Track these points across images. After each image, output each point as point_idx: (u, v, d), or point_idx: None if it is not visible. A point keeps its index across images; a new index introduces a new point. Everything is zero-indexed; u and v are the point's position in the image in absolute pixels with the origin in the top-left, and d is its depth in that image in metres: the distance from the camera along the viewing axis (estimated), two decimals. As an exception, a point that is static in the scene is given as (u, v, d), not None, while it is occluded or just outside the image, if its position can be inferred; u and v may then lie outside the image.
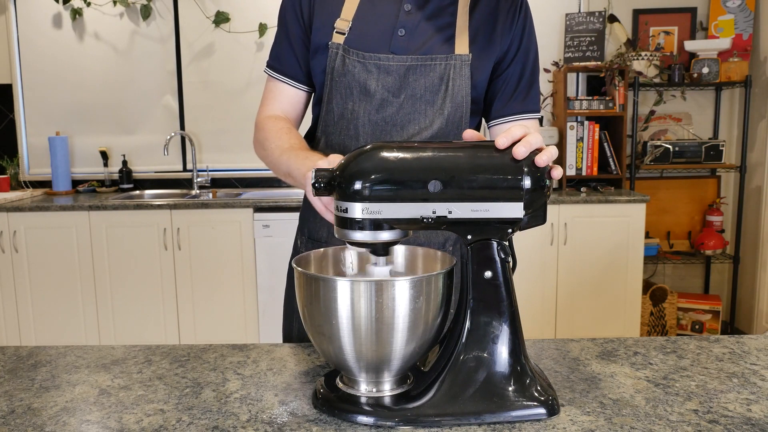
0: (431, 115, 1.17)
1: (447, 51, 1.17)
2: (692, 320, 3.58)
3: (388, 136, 1.18)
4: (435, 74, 1.16)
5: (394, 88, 1.16)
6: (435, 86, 1.16)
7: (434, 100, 1.17)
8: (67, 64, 3.72)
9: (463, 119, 1.20)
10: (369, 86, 1.16)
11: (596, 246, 3.19)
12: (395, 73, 1.16)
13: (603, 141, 3.47)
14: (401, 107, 1.17)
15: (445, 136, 1.19)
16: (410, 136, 1.17)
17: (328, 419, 0.81)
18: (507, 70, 1.23)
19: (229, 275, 3.20)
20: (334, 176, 0.82)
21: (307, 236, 1.28)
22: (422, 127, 1.17)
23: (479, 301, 0.82)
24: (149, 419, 0.82)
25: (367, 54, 1.16)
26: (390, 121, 1.17)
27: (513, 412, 0.80)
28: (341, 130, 1.20)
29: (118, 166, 3.76)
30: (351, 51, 1.16)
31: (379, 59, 1.16)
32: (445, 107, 1.17)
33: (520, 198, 0.80)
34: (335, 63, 1.16)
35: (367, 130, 1.18)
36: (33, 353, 1.08)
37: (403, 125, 1.17)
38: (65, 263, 3.21)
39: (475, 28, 1.19)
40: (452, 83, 1.16)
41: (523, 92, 1.25)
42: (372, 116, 1.17)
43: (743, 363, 1.00)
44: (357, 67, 1.16)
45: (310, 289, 0.82)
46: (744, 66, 3.46)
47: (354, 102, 1.17)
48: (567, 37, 3.55)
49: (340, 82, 1.17)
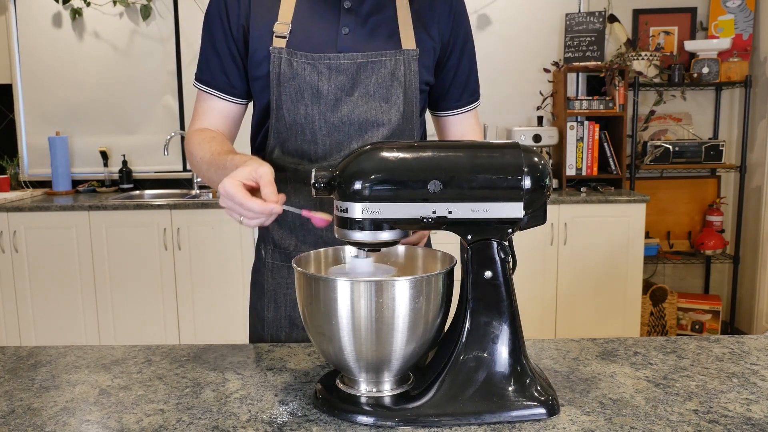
0: (387, 110, 1.16)
1: (394, 46, 1.16)
2: (692, 320, 3.58)
3: (346, 137, 1.16)
4: (386, 70, 1.15)
5: (347, 86, 1.14)
6: (387, 82, 1.15)
7: (388, 96, 1.16)
8: (67, 64, 3.72)
9: (414, 113, 1.20)
10: (321, 87, 1.13)
11: (596, 246, 3.19)
12: (347, 72, 1.14)
13: (603, 141, 3.47)
14: (356, 105, 1.15)
15: (402, 131, 1.19)
16: (369, 134, 1.16)
17: (328, 419, 0.81)
18: (455, 62, 1.25)
19: (229, 275, 3.20)
20: (334, 176, 0.82)
21: (273, 245, 1.25)
22: (380, 124, 1.16)
23: (479, 301, 0.82)
24: (149, 419, 0.82)
25: (316, 55, 1.13)
26: (347, 121, 1.15)
27: (513, 412, 0.80)
28: (296, 136, 1.16)
29: (118, 166, 3.76)
30: (297, 53, 1.13)
31: (329, 59, 1.13)
32: (399, 102, 1.16)
33: (520, 198, 0.80)
34: (280, 67, 1.13)
35: (325, 132, 1.15)
36: (33, 353, 1.08)
37: (361, 123, 1.15)
38: (65, 263, 3.21)
39: (415, 18, 1.19)
40: (403, 78, 1.16)
41: (472, 82, 1.30)
42: (328, 117, 1.15)
43: (743, 363, 1.00)
44: (306, 69, 1.13)
45: (310, 289, 0.82)
46: (744, 66, 3.46)
47: (306, 105, 1.14)
48: (567, 37, 3.55)
49: (289, 86, 1.14)
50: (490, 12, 3.60)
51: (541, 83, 3.66)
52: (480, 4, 3.60)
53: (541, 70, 3.65)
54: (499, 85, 3.65)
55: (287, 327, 1.24)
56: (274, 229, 1.25)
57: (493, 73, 3.61)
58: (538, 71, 3.66)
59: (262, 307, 1.27)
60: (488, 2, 3.58)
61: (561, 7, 3.63)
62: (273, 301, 1.25)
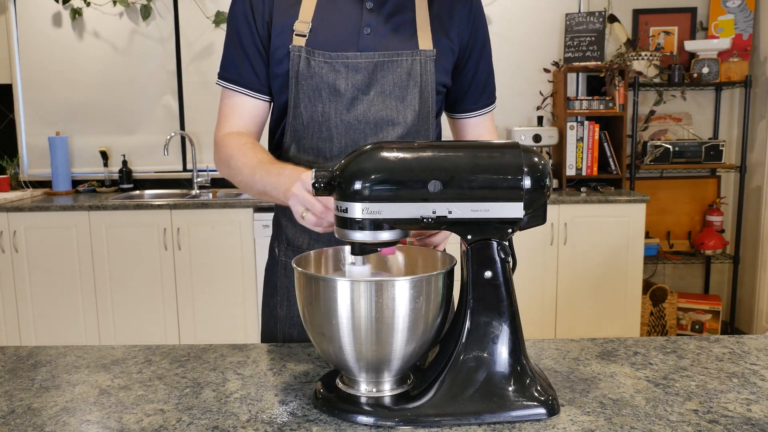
0: (402, 110, 1.17)
1: (412, 47, 1.17)
2: (692, 320, 3.58)
3: (362, 135, 1.16)
4: (402, 70, 1.16)
5: (364, 85, 1.15)
6: (403, 82, 1.17)
7: (404, 95, 1.17)
8: (67, 64, 3.72)
9: (431, 113, 1.21)
10: (338, 86, 1.14)
11: (596, 246, 3.19)
12: (364, 71, 1.15)
13: (603, 141, 3.47)
14: (372, 104, 1.16)
15: (417, 131, 1.19)
16: (385, 133, 1.17)
17: (328, 419, 0.81)
18: (473, 65, 1.27)
19: (229, 275, 3.20)
20: (334, 176, 0.82)
21: (286, 244, 1.26)
22: (396, 123, 1.17)
23: (479, 301, 0.82)
24: (149, 419, 0.82)
25: (334, 54, 1.14)
26: (363, 119, 1.16)
27: (513, 412, 0.80)
28: (313, 134, 1.17)
29: (118, 166, 3.76)
30: (316, 52, 1.14)
31: (347, 57, 1.14)
32: (414, 102, 1.17)
33: (520, 198, 0.80)
34: (299, 66, 1.14)
35: (341, 131, 1.16)
36: (33, 353, 1.07)
37: (376, 122, 1.16)
38: (65, 263, 3.21)
39: (434, 21, 1.20)
40: (419, 78, 1.17)
41: (490, 85, 1.32)
42: (344, 116, 1.16)
43: (743, 363, 1.00)
44: (324, 68, 1.14)
45: (310, 289, 0.82)
46: (744, 66, 3.46)
47: (323, 104, 1.15)
48: (567, 37, 3.55)
49: (307, 84, 1.15)
50: (490, 12, 3.60)
51: (541, 83, 3.66)
52: (480, 4, 3.60)
53: (541, 70, 3.65)
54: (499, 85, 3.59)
55: (300, 324, 1.24)
56: (287, 227, 1.26)
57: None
58: (538, 71, 3.66)
59: (275, 304, 1.27)
60: (488, 2, 3.58)
61: (561, 7, 3.63)
62: (286, 299, 1.26)
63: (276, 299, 1.27)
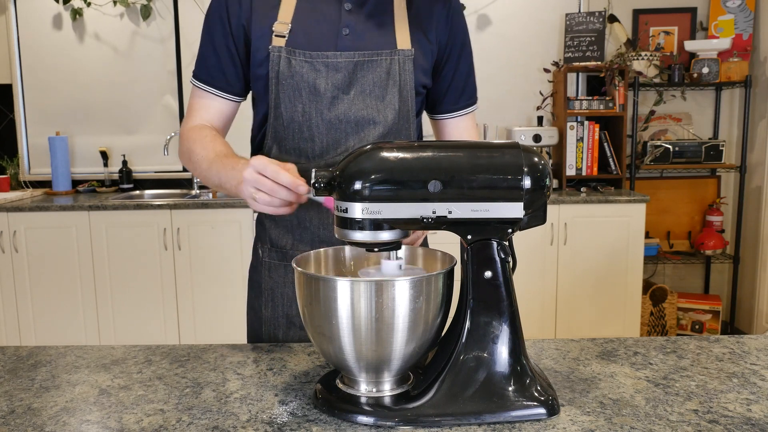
0: (382, 109, 1.18)
1: (390, 46, 1.18)
2: (692, 320, 3.58)
3: (343, 134, 1.17)
4: (381, 69, 1.17)
5: (344, 84, 1.16)
6: (383, 81, 1.18)
7: (383, 95, 1.18)
8: (67, 64, 3.72)
9: (411, 113, 1.22)
10: (318, 85, 1.15)
11: (596, 246, 3.19)
12: (344, 70, 1.16)
13: (603, 141, 3.47)
14: (352, 103, 1.17)
15: (398, 130, 1.20)
16: (366, 132, 1.18)
17: (328, 419, 0.81)
18: (452, 65, 1.27)
19: (229, 275, 3.20)
20: (334, 176, 0.82)
21: (270, 244, 1.27)
22: (376, 123, 1.18)
23: (479, 301, 0.82)
24: (149, 419, 0.82)
25: (314, 53, 1.15)
26: (344, 119, 1.17)
27: (513, 412, 0.80)
28: (294, 134, 1.18)
29: (118, 166, 3.76)
30: (296, 51, 1.15)
31: (327, 57, 1.15)
32: (394, 101, 1.18)
33: (520, 198, 0.80)
34: (279, 66, 1.15)
35: (322, 130, 1.17)
36: (33, 353, 1.08)
37: (357, 121, 1.17)
38: (65, 263, 3.21)
39: (413, 22, 1.21)
40: (398, 78, 1.18)
41: (469, 86, 1.31)
42: (325, 115, 1.16)
43: (743, 363, 1.00)
44: (305, 67, 1.15)
45: (310, 289, 0.82)
46: (744, 66, 3.46)
47: (304, 103, 1.16)
48: (567, 37, 3.55)
49: (287, 84, 1.16)
50: (490, 12, 3.60)
51: (541, 83, 3.66)
52: (480, 4, 3.60)
53: (541, 70, 3.65)
54: (499, 85, 3.64)
55: (284, 326, 1.25)
56: (271, 228, 1.26)
57: (493, 73, 3.61)
58: (538, 71, 3.66)
59: (260, 306, 1.27)
60: (488, 2, 3.58)
61: (561, 7, 3.63)
62: (270, 299, 1.26)
63: (261, 300, 1.27)
